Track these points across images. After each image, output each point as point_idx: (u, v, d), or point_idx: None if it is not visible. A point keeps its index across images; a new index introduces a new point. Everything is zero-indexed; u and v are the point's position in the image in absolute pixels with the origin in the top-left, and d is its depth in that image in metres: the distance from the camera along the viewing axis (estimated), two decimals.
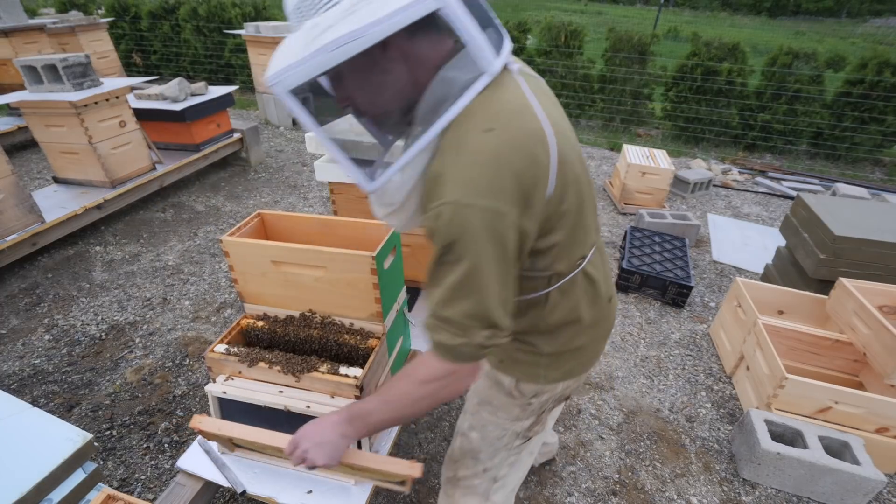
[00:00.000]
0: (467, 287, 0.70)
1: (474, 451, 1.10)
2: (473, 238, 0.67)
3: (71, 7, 7.89)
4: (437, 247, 0.71)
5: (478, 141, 0.68)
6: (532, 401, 1.00)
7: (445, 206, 0.67)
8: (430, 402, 0.83)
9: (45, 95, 3.00)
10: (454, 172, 0.68)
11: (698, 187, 4.22)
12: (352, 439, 0.90)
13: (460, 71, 0.70)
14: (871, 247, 2.20)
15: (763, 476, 1.78)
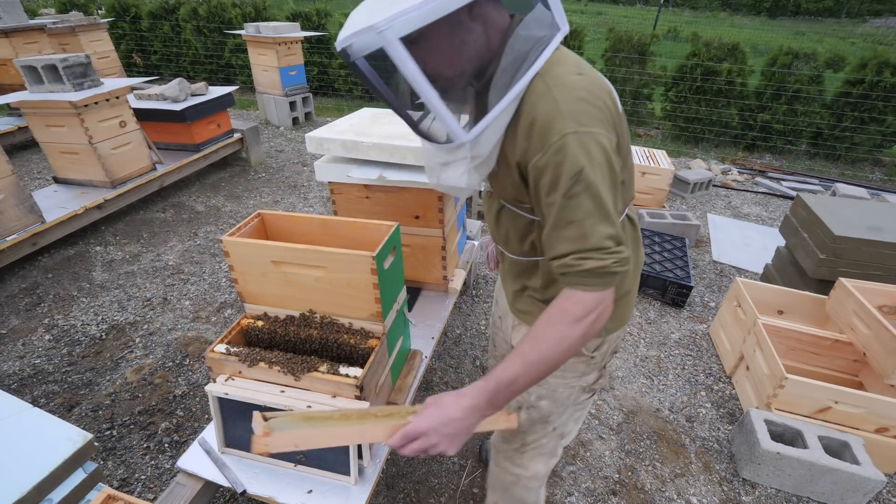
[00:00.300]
0: (600, 210, 0.73)
1: (544, 417, 1.12)
2: (596, 163, 0.72)
3: (71, 7, 7.90)
4: (564, 179, 0.73)
5: (575, 81, 0.75)
6: (595, 354, 1.04)
7: (567, 137, 0.72)
8: (583, 341, 0.77)
9: (45, 95, 3.00)
10: (564, 108, 0.73)
11: (698, 187, 4.22)
12: (489, 414, 0.80)
13: (536, 30, 0.77)
14: (871, 247, 2.20)
15: (763, 476, 1.78)
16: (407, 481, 1.77)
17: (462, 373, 2.25)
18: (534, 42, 0.76)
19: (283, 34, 5.07)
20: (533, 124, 0.75)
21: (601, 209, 0.73)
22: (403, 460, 1.84)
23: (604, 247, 0.73)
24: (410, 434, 0.77)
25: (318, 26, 6.85)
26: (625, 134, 0.84)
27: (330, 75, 7.02)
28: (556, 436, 1.16)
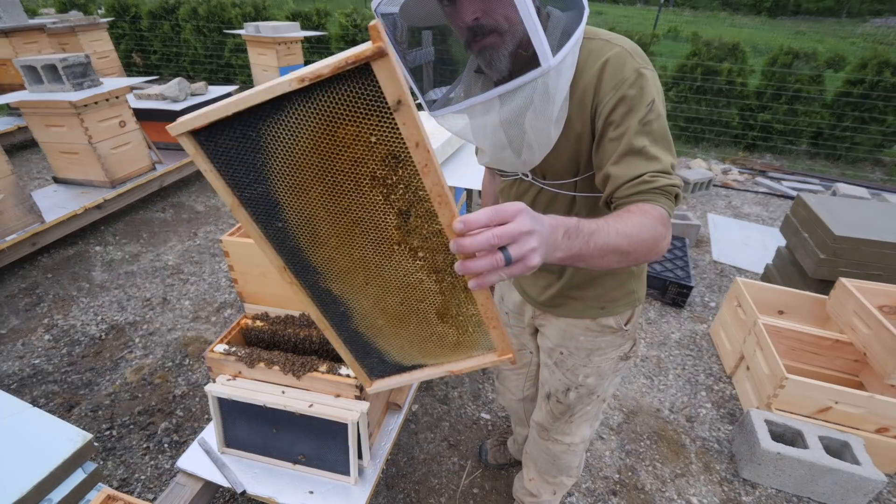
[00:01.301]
0: (665, 139, 0.80)
1: (591, 391, 1.21)
2: (661, 97, 0.81)
3: (71, 7, 7.89)
4: (641, 108, 0.78)
5: (621, 38, 0.83)
6: (628, 327, 1.12)
7: (641, 70, 0.79)
8: (655, 247, 0.73)
9: (45, 95, 3.00)
10: (631, 49, 0.81)
11: (698, 187, 4.22)
12: (557, 258, 0.63)
13: (566, 5, 0.82)
14: (871, 247, 2.20)
15: (763, 476, 1.78)
16: (407, 481, 1.77)
17: None
18: (570, 18, 0.81)
19: (283, 34, 5.07)
20: (605, 65, 0.80)
21: (666, 138, 0.80)
22: (403, 460, 1.84)
23: (670, 172, 0.78)
24: (499, 214, 0.54)
25: (318, 26, 6.84)
26: None
27: None
28: (600, 401, 1.26)
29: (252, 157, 0.57)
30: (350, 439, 1.28)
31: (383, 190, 0.56)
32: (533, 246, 0.55)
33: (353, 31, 6.54)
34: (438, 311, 0.67)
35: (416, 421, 2.01)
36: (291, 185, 0.59)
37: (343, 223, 0.61)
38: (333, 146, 0.54)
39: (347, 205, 0.59)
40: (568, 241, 0.63)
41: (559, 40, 0.78)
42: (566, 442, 1.31)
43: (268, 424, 1.36)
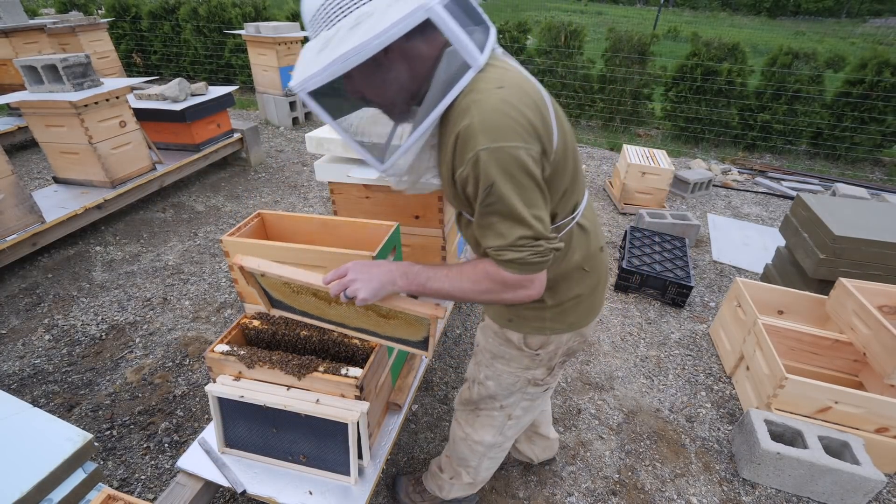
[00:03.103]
0: (512, 217, 0.83)
1: (492, 395, 1.25)
2: (508, 175, 0.80)
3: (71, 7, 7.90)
4: (480, 191, 0.83)
5: (493, 97, 0.80)
6: (539, 352, 1.12)
7: (480, 152, 0.79)
8: (491, 299, 0.94)
9: (45, 95, 3.00)
10: (479, 124, 0.79)
11: (698, 187, 4.22)
12: (399, 290, 0.97)
13: (452, 66, 0.82)
14: (871, 247, 2.20)
15: (763, 476, 1.78)
16: None
17: (462, 372, 2.25)
18: (447, 79, 0.82)
19: (283, 34, 5.07)
20: (456, 139, 0.83)
21: (512, 216, 0.83)
22: (403, 460, 1.84)
23: (514, 244, 0.84)
24: (339, 271, 0.96)
25: None
26: (555, 139, 0.87)
27: None
28: (504, 415, 1.28)
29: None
30: (350, 439, 1.28)
31: (290, 289, 1.13)
32: (356, 287, 0.93)
33: None
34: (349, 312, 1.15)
35: (416, 421, 2.01)
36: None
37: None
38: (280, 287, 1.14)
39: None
40: (406, 280, 0.95)
41: (417, 122, 0.86)
42: (466, 431, 1.35)
43: (268, 424, 1.36)
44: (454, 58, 0.81)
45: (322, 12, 0.78)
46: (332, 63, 0.76)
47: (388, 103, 0.91)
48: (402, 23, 0.74)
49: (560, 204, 0.95)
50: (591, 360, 2.38)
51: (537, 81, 0.92)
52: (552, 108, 0.89)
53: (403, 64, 0.84)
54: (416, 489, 1.62)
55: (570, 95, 6.06)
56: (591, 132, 5.99)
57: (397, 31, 0.75)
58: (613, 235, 3.52)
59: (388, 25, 0.73)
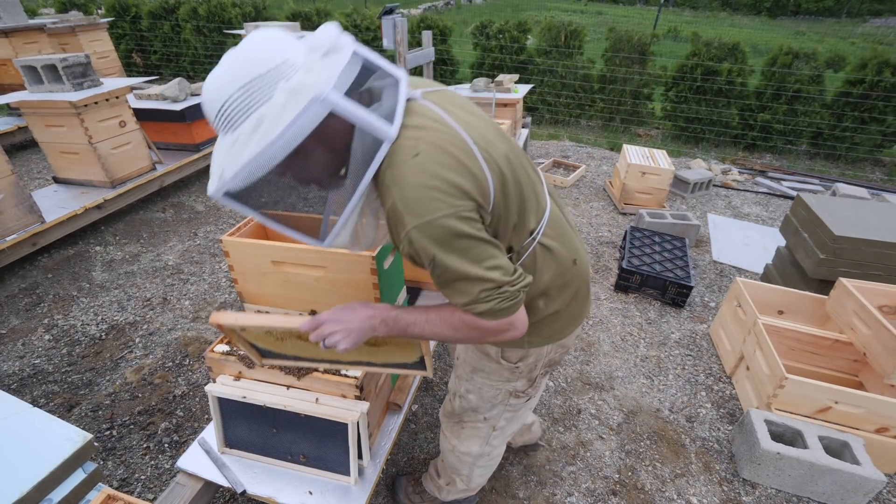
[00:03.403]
0: (463, 277, 0.83)
1: (474, 408, 1.24)
2: (445, 244, 0.80)
3: (71, 7, 7.89)
4: (426, 265, 0.84)
5: (411, 169, 0.79)
6: (519, 364, 1.12)
7: (410, 232, 0.79)
8: (478, 342, 0.96)
9: (45, 95, 3.00)
10: (404, 203, 0.79)
11: (698, 187, 4.22)
12: (379, 335, 0.96)
13: (365, 141, 0.80)
14: (871, 247, 2.20)
15: (763, 476, 1.78)
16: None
17: None
18: (363, 156, 0.80)
19: None
20: (388, 218, 0.84)
21: (466, 278, 0.82)
22: (403, 460, 1.84)
23: (479, 299, 0.84)
24: (317, 321, 0.95)
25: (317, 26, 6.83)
26: (491, 185, 0.85)
27: None
28: (489, 426, 1.27)
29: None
30: (350, 439, 1.28)
31: (273, 336, 1.15)
32: (336, 339, 0.93)
33: (353, 31, 6.54)
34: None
35: (416, 421, 2.01)
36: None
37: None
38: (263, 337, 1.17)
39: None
40: (386, 327, 0.94)
41: (343, 200, 0.86)
42: (452, 443, 1.35)
43: (268, 424, 1.36)
44: (365, 134, 0.79)
45: (222, 117, 0.75)
46: (239, 172, 0.74)
47: (317, 181, 0.89)
48: (300, 120, 0.72)
49: (514, 236, 0.94)
50: (591, 360, 2.38)
51: (462, 122, 0.87)
52: (480, 153, 0.85)
53: (320, 146, 0.81)
54: (415, 490, 1.62)
55: (570, 95, 6.05)
56: (591, 132, 5.99)
57: (297, 130, 0.72)
58: (613, 235, 3.52)
59: (283, 128, 0.71)
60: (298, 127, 0.72)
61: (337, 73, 0.74)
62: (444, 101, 0.92)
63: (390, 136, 0.79)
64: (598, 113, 6.04)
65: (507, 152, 0.92)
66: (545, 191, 1.04)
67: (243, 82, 0.73)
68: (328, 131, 0.78)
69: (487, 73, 6.20)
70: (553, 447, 1.93)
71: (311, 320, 0.95)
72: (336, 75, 0.74)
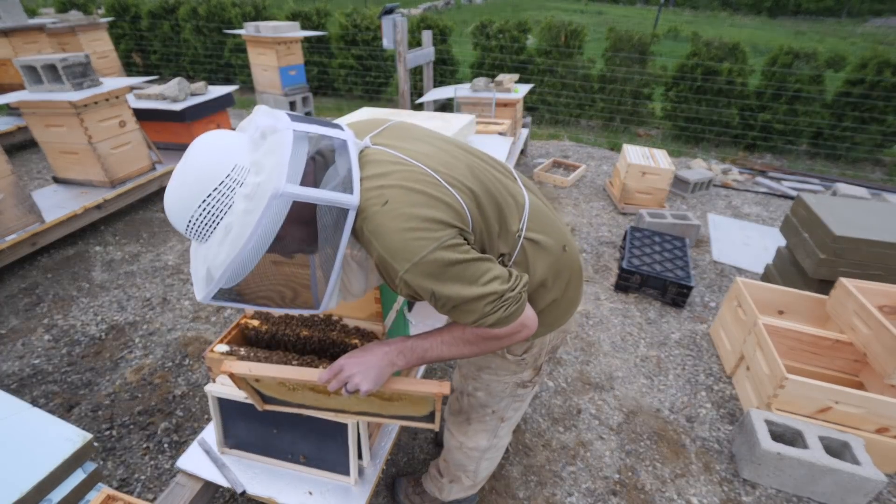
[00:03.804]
0: (466, 298, 0.85)
1: (482, 404, 1.26)
2: (439, 277, 0.83)
3: (71, 7, 7.89)
4: (428, 300, 0.87)
5: (385, 218, 0.81)
6: (524, 356, 1.14)
7: (403, 277, 0.83)
8: (495, 350, 0.99)
9: (44, 95, 3.00)
10: (389, 252, 0.82)
11: (698, 187, 4.22)
12: (399, 368, 0.98)
13: (332, 215, 0.82)
14: (871, 247, 2.20)
15: (763, 476, 1.78)
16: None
17: None
18: (333, 226, 0.83)
19: (283, 34, 5.07)
20: (378, 268, 0.88)
21: (467, 300, 0.85)
22: (403, 460, 1.84)
23: (486, 313, 0.87)
24: (335, 368, 0.97)
25: (317, 26, 6.84)
26: (464, 206, 0.87)
27: (330, 75, 7.02)
28: (497, 419, 1.29)
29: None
30: (350, 439, 1.28)
31: (286, 387, 1.14)
32: (356, 381, 0.95)
33: (353, 31, 6.54)
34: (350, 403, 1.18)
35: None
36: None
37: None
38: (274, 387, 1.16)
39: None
40: (405, 358, 0.97)
41: (325, 267, 0.89)
42: (459, 440, 1.36)
43: (268, 424, 1.36)
44: (330, 209, 0.81)
45: (191, 232, 0.79)
46: (219, 279, 0.78)
47: (300, 253, 0.92)
48: (264, 220, 0.74)
49: (501, 243, 0.96)
50: (591, 360, 2.38)
51: (418, 155, 0.89)
52: (444, 180, 0.87)
53: (296, 228, 0.83)
54: (415, 490, 1.62)
55: (570, 95, 6.05)
56: (591, 132, 5.99)
57: (265, 228, 0.75)
58: (613, 235, 3.52)
59: (251, 230, 0.74)
60: (265, 226, 0.75)
61: (285, 164, 0.76)
62: (394, 139, 0.95)
63: (353, 204, 0.82)
64: (598, 113, 6.04)
65: (469, 168, 0.95)
66: (520, 187, 1.06)
67: (201, 199, 0.76)
68: (294, 217, 0.80)
69: (487, 72, 6.20)
70: (553, 447, 1.93)
71: (329, 369, 0.98)
72: (286, 167, 0.76)
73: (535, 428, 2.01)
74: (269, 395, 1.22)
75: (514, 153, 4.10)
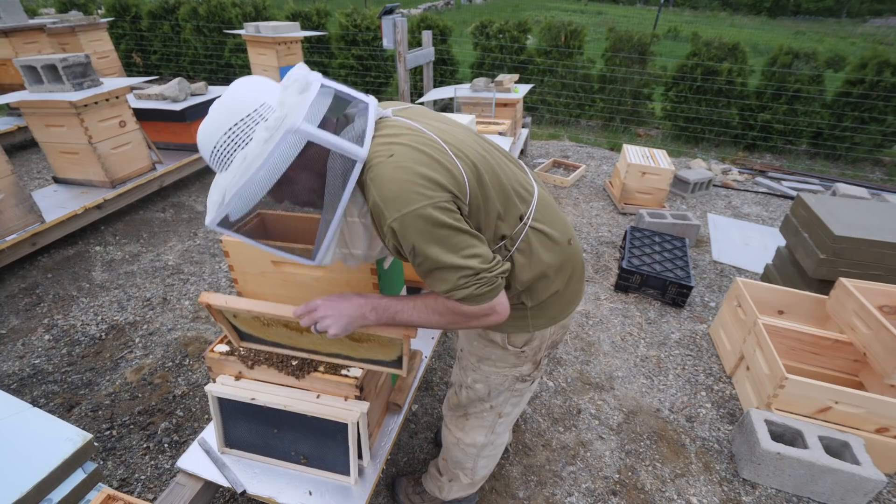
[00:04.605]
0: (442, 265, 0.88)
1: (481, 397, 1.27)
2: (424, 234, 0.85)
3: (71, 7, 7.89)
4: (408, 255, 0.90)
5: (386, 167, 0.86)
6: (524, 349, 1.15)
7: (392, 224, 0.85)
8: (462, 328, 1.02)
9: (45, 95, 3.00)
10: (383, 198, 0.85)
11: (698, 187, 4.22)
12: (369, 324, 1.02)
13: (343, 163, 0.87)
14: (871, 247, 2.20)
15: (763, 476, 1.78)
16: None
17: None
18: (341, 175, 0.87)
19: (283, 34, 5.06)
20: (372, 215, 0.91)
21: (445, 266, 0.88)
22: (403, 460, 1.84)
23: (458, 286, 0.89)
24: (310, 305, 1.01)
25: (318, 26, 6.84)
26: (465, 177, 0.91)
27: (330, 75, 7.01)
28: (495, 414, 1.30)
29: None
30: (350, 439, 1.28)
31: (260, 322, 1.22)
32: (326, 324, 0.99)
33: (353, 31, 6.54)
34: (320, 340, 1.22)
35: (416, 421, 2.01)
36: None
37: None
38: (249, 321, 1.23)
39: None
40: (376, 314, 1.00)
41: (325, 220, 0.92)
42: (457, 436, 1.37)
43: (268, 424, 1.36)
44: (339, 157, 0.87)
45: (215, 159, 0.86)
46: (228, 202, 0.84)
47: (308, 203, 0.99)
48: (277, 151, 0.81)
49: (502, 224, 0.98)
50: (591, 360, 2.38)
51: (434, 129, 0.94)
52: (451, 150, 0.91)
53: (306, 172, 0.90)
54: (415, 490, 1.62)
55: (570, 95, 6.05)
56: (591, 132, 5.99)
57: (277, 159, 0.82)
58: (613, 235, 3.52)
59: (264, 159, 0.81)
60: (277, 157, 0.82)
61: (306, 106, 0.83)
62: (416, 115, 1.01)
63: (361, 157, 0.87)
64: (598, 113, 6.04)
65: (480, 149, 0.99)
66: (531, 178, 1.10)
67: (227, 128, 0.83)
68: (306, 159, 0.87)
69: (487, 73, 6.20)
70: (553, 447, 1.93)
71: (304, 305, 1.02)
72: (306, 108, 0.83)
73: (535, 428, 2.01)
74: (245, 332, 1.26)
75: (514, 153, 4.10)
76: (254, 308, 1.10)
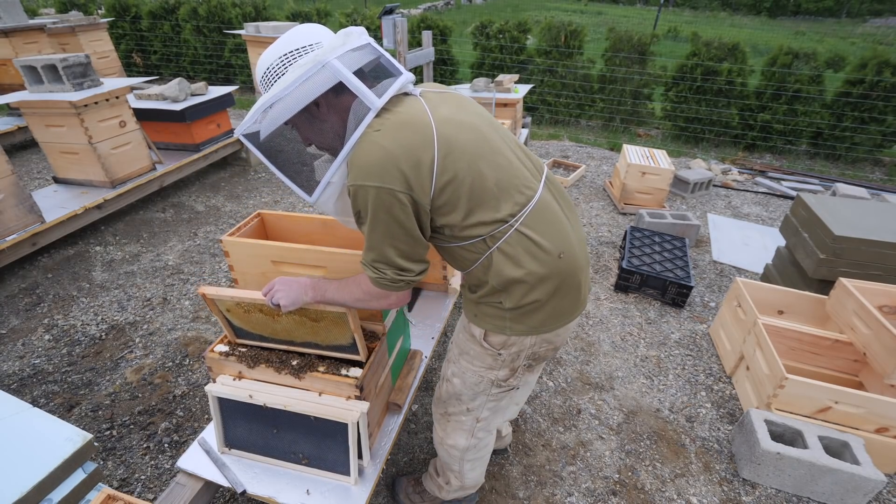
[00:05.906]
0: (372, 242, 1.00)
1: (457, 394, 1.29)
2: (369, 209, 0.95)
3: (71, 7, 7.89)
4: (354, 214, 1.01)
5: (368, 139, 0.95)
6: (501, 352, 1.15)
7: (350, 186, 0.96)
8: (364, 307, 1.13)
9: (45, 95, 3.00)
10: (352, 162, 0.96)
11: (698, 187, 4.22)
12: (308, 300, 1.16)
13: (357, 111, 0.97)
14: (871, 247, 2.20)
15: (763, 476, 1.78)
16: None
17: None
18: (354, 122, 0.97)
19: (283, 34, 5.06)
20: (347, 166, 1.01)
21: (370, 243, 1.01)
22: (404, 460, 1.84)
23: (372, 266, 1.03)
24: (269, 285, 1.17)
25: None
26: (434, 173, 0.95)
27: None
28: (473, 418, 1.31)
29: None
30: (350, 439, 1.28)
31: (242, 309, 1.28)
32: (278, 296, 1.14)
33: None
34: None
35: (416, 421, 2.01)
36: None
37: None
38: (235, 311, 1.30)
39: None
40: (313, 292, 1.14)
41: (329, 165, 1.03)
42: (440, 435, 1.41)
43: (268, 424, 1.36)
44: (358, 105, 0.97)
45: (264, 79, 0.98)
46: (253, 113, 0.96)
47: (319, 142, 1.07)
48: (303, 78, 0.92)
49: (473, 218, 1.00)
50: (591, 360, 2.38)
51: (441, 118, 0.99)
52: (439, 145, 0.95)
53: (329, 113, 1.01)
54: (415, 490, 1.62)
55: (570, 95, 6.05)
56: (591, 132, 5.99)
57: (304, 87, 0.92)
58: (613, 235, 3.52)
59: (291, 81, 0.92)
60: (303, 84, 0.92)
61: (344, 50, 0.95)
62: (438, 99, 1.05)
63: (376, 106, 0.96)
64: (598, 113, 6.04)
65: (478, 150, 1.00)
66: (538, 183, 1.07)
67: (283, 53, 0.96)
68: (338, 102, 0.99)
69: (487, 73, 6.20)
70: (553, 447, 1.93)
71: (267, 285, 1.17)
72: (342, 52, 0.95)
73: (535, 428, 2.01)
74: (238, 326, 1.33)
75: None
76: (235, 295, 1.22)
